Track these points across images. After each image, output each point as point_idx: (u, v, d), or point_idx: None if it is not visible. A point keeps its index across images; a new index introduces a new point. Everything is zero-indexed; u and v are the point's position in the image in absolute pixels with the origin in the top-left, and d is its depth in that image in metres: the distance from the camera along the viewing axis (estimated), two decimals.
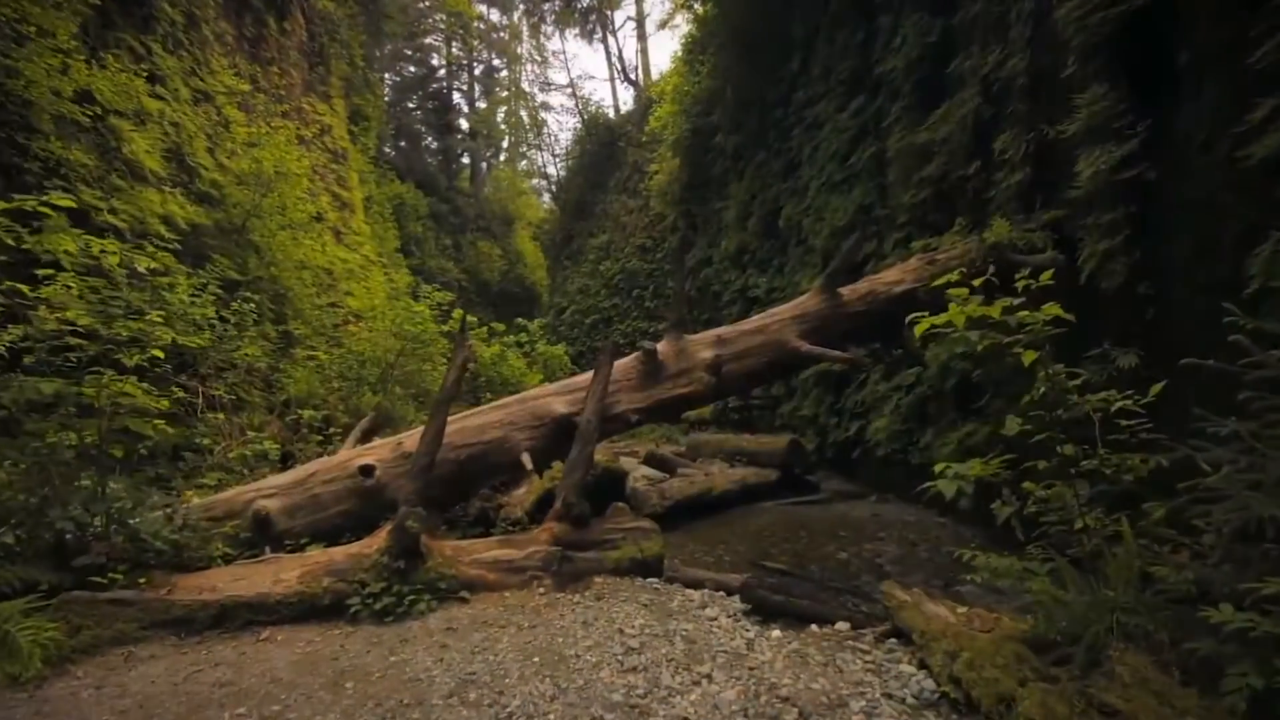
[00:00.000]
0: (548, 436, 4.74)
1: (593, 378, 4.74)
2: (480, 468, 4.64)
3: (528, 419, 4.75)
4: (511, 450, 4.65)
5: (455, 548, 4.16)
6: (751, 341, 5.13)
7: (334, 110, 16.31)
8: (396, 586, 3.70)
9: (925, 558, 5.82)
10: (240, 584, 3.64)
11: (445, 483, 4.60)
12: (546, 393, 4.90)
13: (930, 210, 8.10)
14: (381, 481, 4.53)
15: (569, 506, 4.44)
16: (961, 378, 7.16)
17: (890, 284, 5.33)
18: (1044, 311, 2.85)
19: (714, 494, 7.86)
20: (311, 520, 4.44)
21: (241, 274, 9.74)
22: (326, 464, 4.64)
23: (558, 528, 4.38)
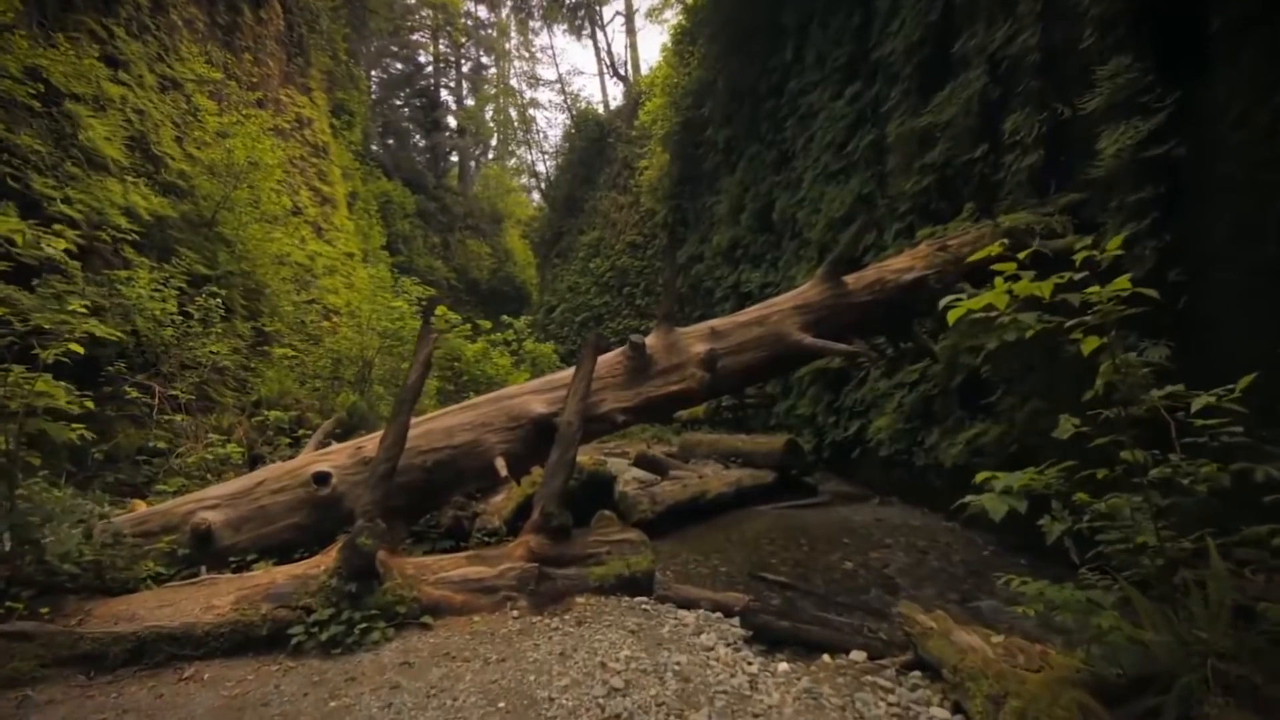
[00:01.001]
0: (525, 439, 4.25)
1: (574, 374, 4.25)
2: (449, 475, 4.14)
3: (503, 420, 4.26)
4: (484, 455, 4.15)
5: (419, 565, 3.66)
6: (749, 334, 4.65)
7: (314, 103, 15.73)
8: (347, 613, 3.20)
9: (937, 567, 5.36)
10: (165, 611, 3.12)
11: (410, 492, 4.10)
12: (524, 391, 4.41)
13: (934, 198, 7.67)
14: (338, 491, 4.02)
15: (548, 518, 3.94)
16: (969, 374, 6.73)
17: (899, 271, 4.86)
18: (1113, 287, 2.37)
19: (708, 498, 7.38)
20: (259, 534, 3.93)
21: (210, 268, 9.18)
22: (277, 471, 4.13)
23: (535, 541, 3.89)
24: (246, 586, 3.29)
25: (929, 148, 7.70)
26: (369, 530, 3.30)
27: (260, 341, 9.94)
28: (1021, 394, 6.01)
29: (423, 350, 3.85)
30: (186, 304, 8.13)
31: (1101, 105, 5.24)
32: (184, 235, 9.11)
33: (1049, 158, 6.00)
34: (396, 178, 28.21)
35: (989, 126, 6.78)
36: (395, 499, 4.05)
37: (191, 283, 8.73)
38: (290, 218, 11.89)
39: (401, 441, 3.82)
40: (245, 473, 6.07)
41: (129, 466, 6.90)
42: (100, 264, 7.80)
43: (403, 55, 31.79)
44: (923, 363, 7.52)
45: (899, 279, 4.76)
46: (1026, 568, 5.37)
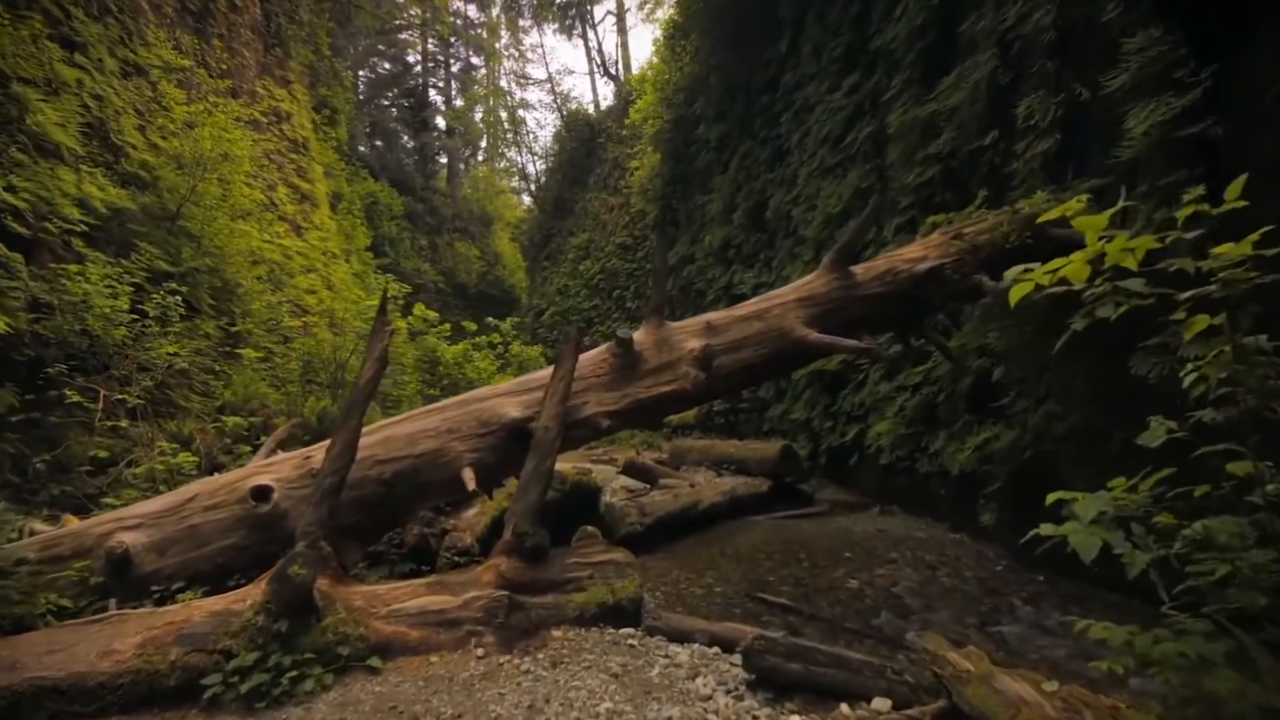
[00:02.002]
0: (497, 447, 3.73)
1: (552, 374, 3.74)
2: (410, 488, 3.61)
3: (472, 425, 3.74)
4: (450, 465, 3.63)
5: (369, 596, 3.13)
6: (748, 329, 4.15)
7: (294, 97, 15.15)
8: (275, 657, 2.67)
9: (949, 585, 4.87)
10: (55, 658, 2.58)
11: (365, 508, 3.57)
12: (496, 393, 3.90)
13: (938, 189, 7.22)
14: (281, 507, 3.49)
15: (521, 538, 3.42)
16: (978, 376, 6.28)
17: (912, 261, 4.39)
18: (1240, 248, 1.88)
19: (700, 508, 6.89)
20: (187, 559, 3.39)
21: (173, 265, 8.60)
22: (210, 485, 3.59)
23: (506, 565, 3.37)
24: (157, 625, 2.75)
25: (933, 137, 7.26)
26: (303, 558, 2.77)
27: (229, 342, 9.36)
28: (1035, 397, 5.57)
29: (376, 345, 3.34)
30: (145, 302, 7.56)
31: (1128, 82, 4.79)
32: (144, 229, 8.52)
33: (1066, 142, 5.54)
34: (384, 178, 27.60)
35: (999, 112, 6.34)
36: (346, 516, 3.52)
37: (152, 280, 8.15)
38: (264, 213, 11.29)
39: (351, 450, 3.30)
40: None
41: (80, 477, 6.34)
42: (48, 257, 7.23)
43: (391, 54, 31.21)
44: (926, 364, 7.07)
45: (912, 269, 4.28)
46: (1045, 585, 4.91)
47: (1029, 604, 4.48)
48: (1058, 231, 4.70)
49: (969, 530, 6.29)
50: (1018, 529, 5.57)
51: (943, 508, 6.77)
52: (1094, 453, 5.01)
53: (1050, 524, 2.01)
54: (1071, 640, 3.93)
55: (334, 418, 7.69)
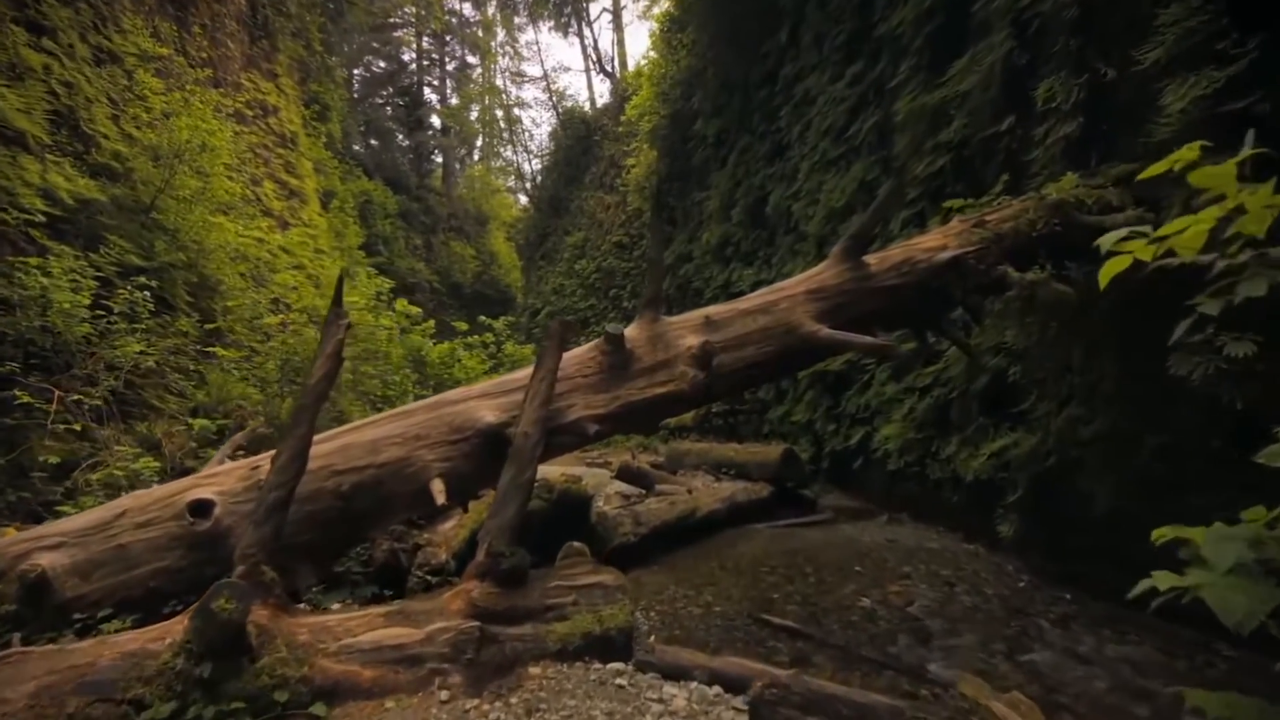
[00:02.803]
0: (471, 455, 3.31)
1: (533, 373, 3.32)
2: (372, 502, 3.19)
3: (442, 431, 3.32)
4: (417, 476, 3.21)
5: (317, 629, 2.71)
6: (752, 325, 3.73)
7: (281, 90, 14.71)
8: (196, 708, 2.24)
9: (969, 605, 4.45)
10: None
11: (320, 525, 3.14)
12: (471, 395, 3.47)
13: (949, 180, 6.81)
14: (223, 524, 3.06)
15: (495, 559, 3.00)
16: (994, 376, 5.87)
17: (931, 250, 3.97)
18: None
19: (698, 516, 6.47)
20: (115, 583, 2.96)
21: (145, 259, 8.15)
22: (145, 499, 3.15)
23: (478, 591, 2.94)
24: (59, 668, 2.31)
25: (944, 125, 6.85)
26: (231, 589, 2.34)
27: (208, 341, 8.91)
28: (1057, 399, 5.16)
29: (330, 341, 2.91)
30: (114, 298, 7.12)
31: (1163, 57, 4.38)
32: (115, 222, 8.08)
33: (1090, 125, 5.14)
34: (378, 177, 27.18)
35: (1015, 96, 5.93)
36: (298, 534, 3.10)
37: (123, 274, 7.72)
38: (246, 207, 10.84)
39: (300, 460, 2.87)
40: None
41: (39, 483, 5.89)
42: (8, 250, 6.79)
43: (385, 52, 30.76)
44: (938, 364, 6.66)
45: (931, 259, 3.87)
46: (1073, 604, 4.50)
47: (1058, 626, 4.06)
48: (1089, 219, 4.29)
49: (984, 541, 5.87)
50: (1040, 541, 5.16)
51: (955, 516, 6.35)
52: (1123, 459, 4.60)
53: (1167, 572, 1.56)
54: (1110, 671, 3.52)
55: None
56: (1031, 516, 5.17)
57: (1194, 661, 3.66)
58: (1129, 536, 4.58)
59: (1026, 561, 5.28)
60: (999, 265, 4.04)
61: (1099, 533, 4.72)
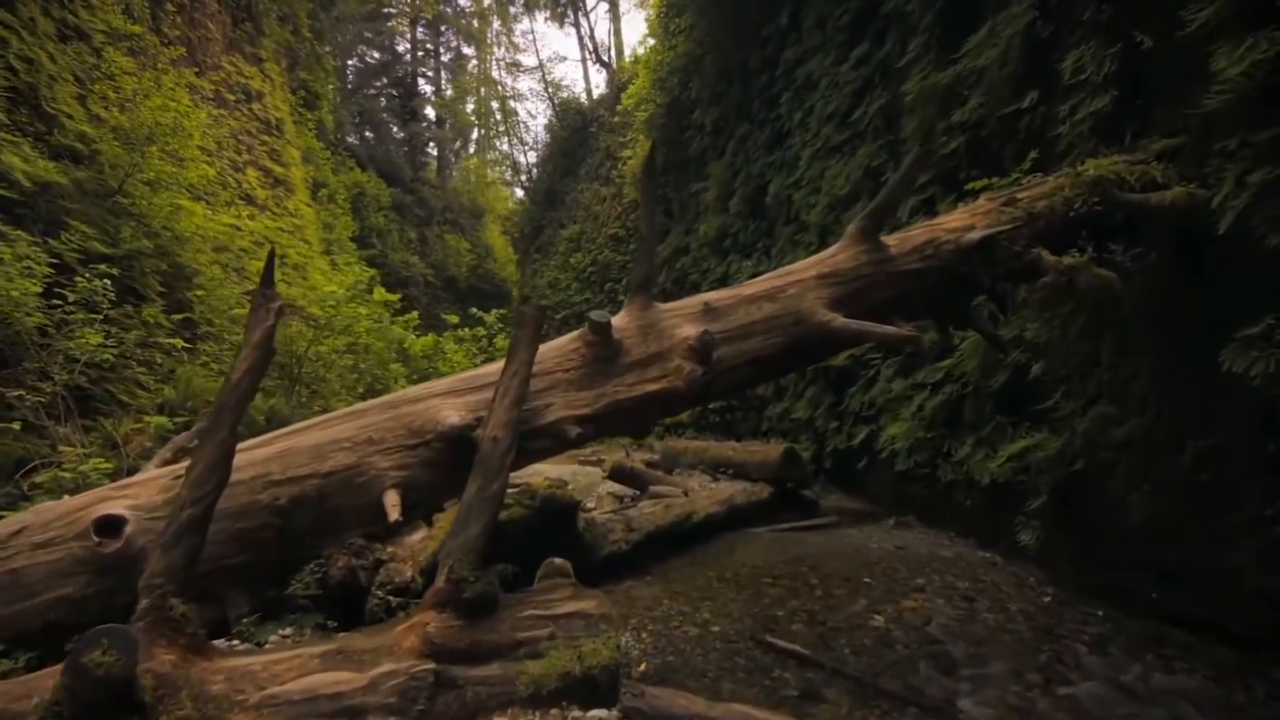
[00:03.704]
0: (433, 462, 2.83)
1: (504, 367, 2.84)
2: (316, 517, 2.71)
3: (399, 434, 2.84)
4: (369, 487, 2.73)
5: (237, 675, 2.23)
6: (757, 313, 3.25)
7: (267, 76, 14.15)
8: None
9: (993, 624, 4.00)
10: None
11: (256, 544, 2.66)
12: (434, 392, 2.99)
13: (963, 164, 6.33)
14: (137, 544, 2.57)
15: (457, 585, 2.52)
16: (1014, 372, 5.41)
17: (957, 231, 3.50)
18: None
19: (695, 521, 6.02)
20: (8, 614, 2.46)
21: (111, 246, 7.63)
22: (45, 515, 2.65)
23: (436, 623, 2.47)
24: None
25: (958, 105, 6.37)
26: (113, 639, 1.86)
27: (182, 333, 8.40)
28: (1084, 397, 4.70)
29: (256, 329, 2.42)
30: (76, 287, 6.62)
31: (1212, 19, 3.91)
32: (78, 206, 7.55)
33: (1124, 99, 4.66)
34: (371, 169, 26.57)
35: (1037, 71, 5.45)
36: (227, 556, 2.62)
37: (86, 262, 7.20)
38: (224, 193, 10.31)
39: (221, 470, 2.39)
40: None
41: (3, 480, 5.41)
42: None
43: (378, 42, 30.10)
44: (949, 359, 6.20)
45: (958, 240, 3.40)
46: (1107, 623, 4.04)
47: (1096, 651, 3.61)
48: (1132, 197, 3.83)
49: (1000, 549, 5.43)
50: (1065, 551, 4.69)
51: (968, 521, 5.91)
52: (1161, 464, 4.15)
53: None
54: (1167, 709, 3.06)
55: (284, 417, 6.77)
56: (1056, 524, 4.72)
57: (1253, 694, 3.21)
58: (1167, 548, 4.16)
59: (1050, 572, 4.84)
60: (1032, 248, 3.56)
61: (1133, 543, 4.27)
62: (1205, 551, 3.88)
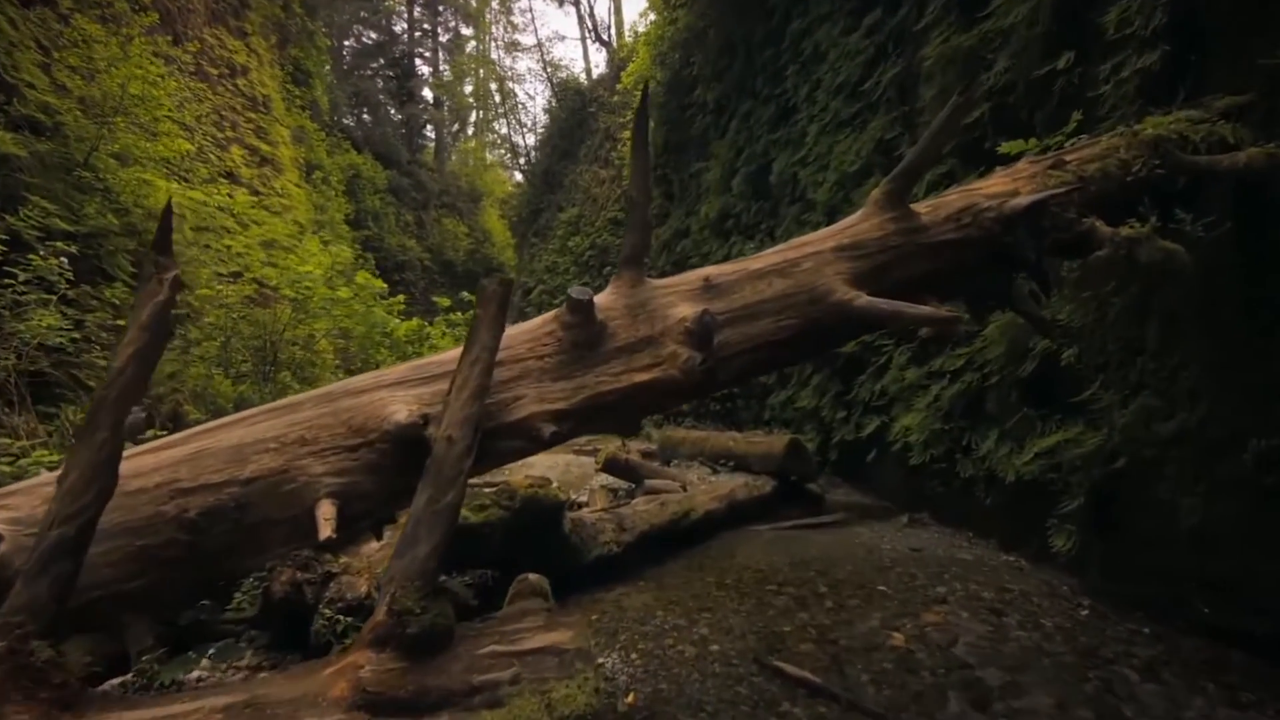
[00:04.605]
0: (378, 466, 2.35)
1: (462, 354, 2.35)
2: (233, 533, 2.23)
3: (338, 433, 2.36)
4: (299, 496, 2.26)
5: None
6: (766, 290, 2.75)
7: (253, 51, 13.55)
8: None
9: (1028, 643, 3.53)
10: None
11: (161, 565, 2.18)
12: (382, 382, 2.50)
13: (988, 133, 5.79)
14: (14, 566, 2.11)
15: (401, 619, 2.05)
16: (1043, 360, 4.92)
17: (998, 197, 2.99)
18: None
19: (692, 519, 5.56)
20: None
21: (74, 223, 7.13)
22: None
23: (373, 666, 2.00)
24: None
25: (980, 70, 5.82)
26: None
27: None
28: (1125, 388, 4.21)
29: (145, 305, 1.93)
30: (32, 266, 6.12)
31: None
32: (39, 180, 7.05)
33: (1175, 55, 4.13)
34: (367, 151, 25.94)
35: (1073, 28, 4.91)
36: (127, 580, 2.16)
37: (46, 239, 6.71)
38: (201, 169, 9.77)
39: (103, 479, 1.91)
40: None
41: None
42: None
43: (375, 22, 29.32)
44: (971, 346, 5.70)
45: (1001, 207, 2.89)
46: (1154, 642, 3.57)
47: (1149, 678, 3.14)
48: (1197, 159, 3.31)
49: (1026, 552, 4.97)
50: (1102, 558, 4.21)
51: (989, 521, 5.44)
52: (1216, 464, 3.67)
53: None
54: None
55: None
56: (1093, 528, 4.25)
57: None
58: (1223, 558, 3.68)
59: (1082, 580, 4.37)
60: (1085, 218, 3.05)
61: (1182, 552, 3.79)
62: (1268, 563, 3.42)
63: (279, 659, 2.95)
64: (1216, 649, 3.44)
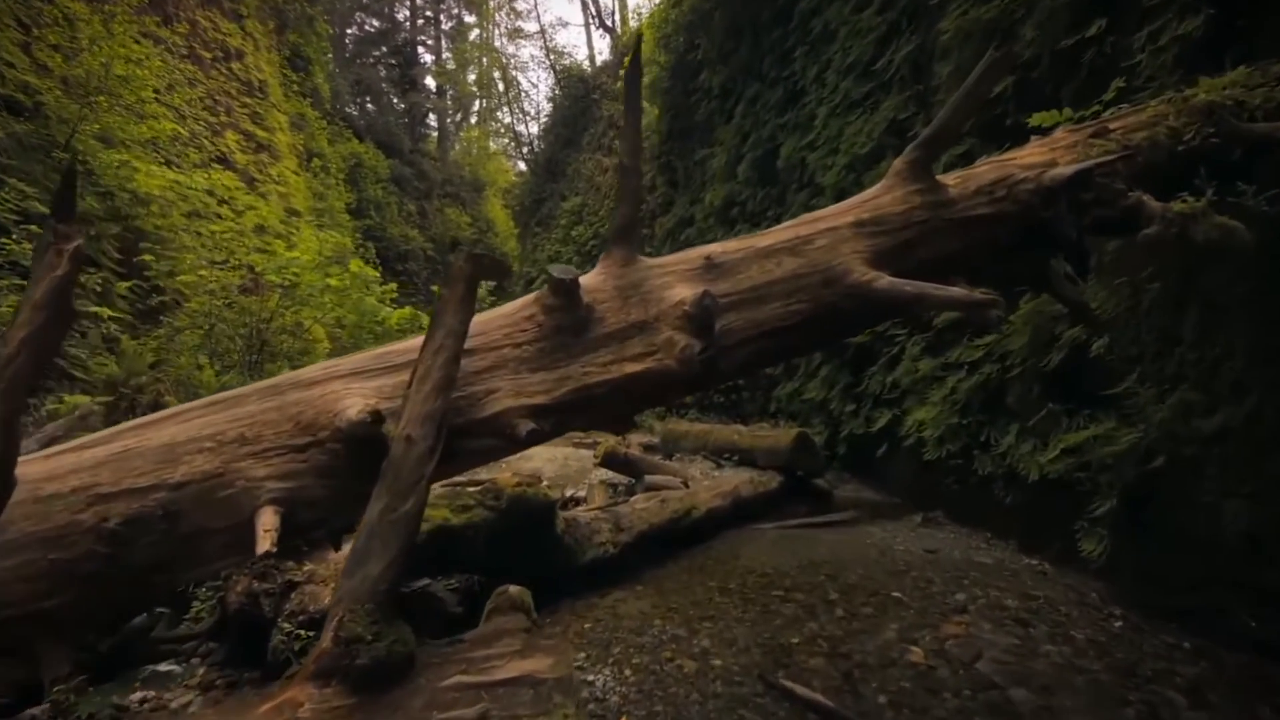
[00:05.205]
0: (329, 469, 2.05)
1: (425, 341, 2.04)
2: (161, 543, 1.93)
3: (283, 430, 2.06)
4: (237, 503, 1.96)
5: None
6: (775, 270, 2.43)
7: (248, 34, 13.21)
8: None
9: (1058, 659, 3.21)
10: None
11: (79, 582, 1.88)
12: (336, 372, 2.20)
13: (1010, 109, 5.43)
14: None
15: (349, 648, 1.76)
16: (1070, 350, 4.57)
17: (1035, 168, 2.66)
18: None
19: (694, 517, 5.26)
20: None
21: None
22: None
23: (315, 703, 1.70)
24: None
25: (1002, 43, 5.43)
26: None
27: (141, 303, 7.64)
28: (1161, 380, 3.87)
29: (42, 281, 1.63)
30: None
31: None
32: (17, 162, 6.76)
33: (1221, 19, 3.77)
34: (369, 140, 25.59)
35: None
36: (40, 598, 1.87)
37: (24, 222, 6.44)
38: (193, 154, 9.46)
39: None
40: None
41: None
42: None
43: (377, 9, 28.89)
44: (993, 334, 5.36)
45: (1039, 178, 2.55)
46: (1196, 658, 3.26)
47: (1196, 703, 2.82)
48: (1256, 127, 2.96)
49: (1048, 555, 4.65)
50: (1136, 564, 3.88)
51: (1008, 521, 5.12)
52: (1264, 462, 3.35)
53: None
54: None
55: None
56: (1126, 532, 3.92)
57: None
58: (1272, 565, 3.36)
59: (1111, 586, 4.05)
60: (1131, 192, 2.71)
61: (1225, 558, 3.46)
62: None
63: (235, 676, 2.66)
64: (1266, 666, 3.13)
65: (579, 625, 3.61)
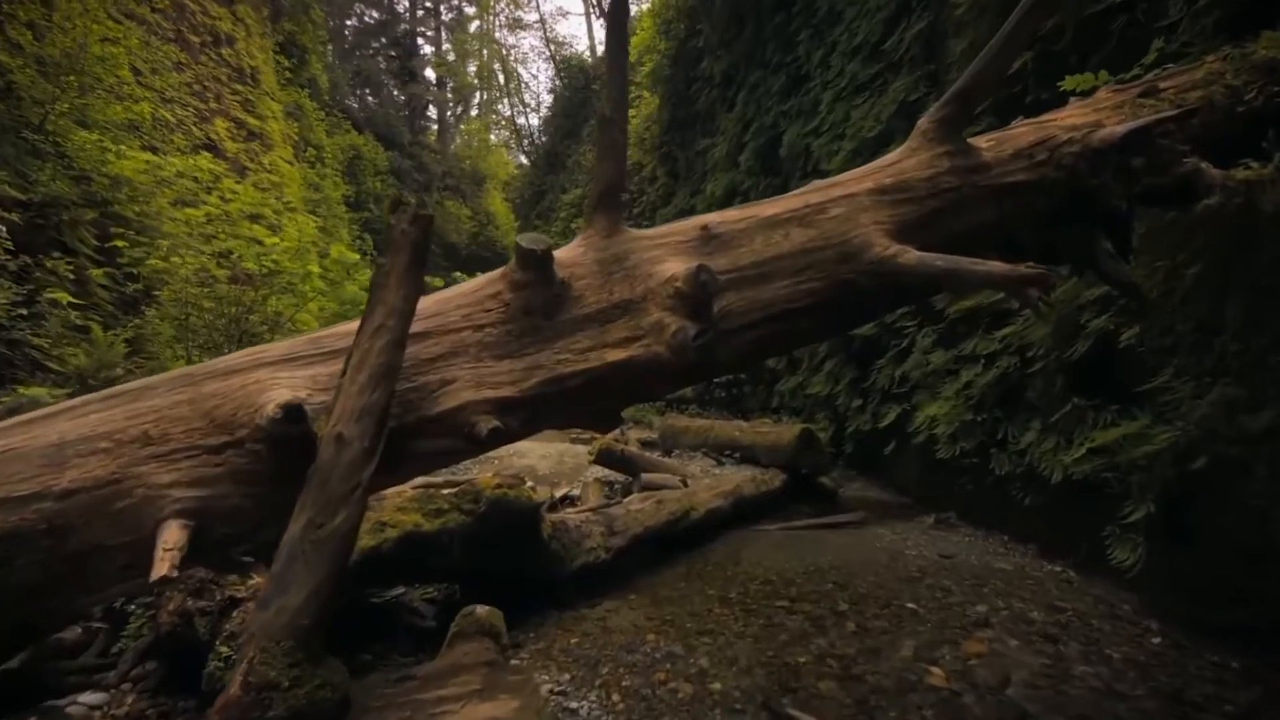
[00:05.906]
0: (250, 475, 1.71)
1: (362, 321, 1.69)
2: (46, 564, 1.61)
3: (195, 428, 1.72)
4: (135, 515, 1.63)
5: None
6: (783, 243, 2.07)
7: (240, 20, 12.83)
8: None
9: (1094, 681, 2.86)
10: None
11: None
12: (264, 359, 1.85)
13: (1030, 85, 5.06)
14: None
15: (261, 696, 1.42)
16: (1097, 341, 4.22)
17: (1080, 129, 2.30)
18: None
19: (693, 519, 4.91)
20: None
21: (24, 191, 6.50)
22: None
23: None
24: None
25: None
26: None
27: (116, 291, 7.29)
28: (1201, 374, 3.51)
29: None
30: None
31: None
32: None
33: None
34: (368, 131, 25.21)
35: None
36: None
37: None
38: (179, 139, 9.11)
39: None
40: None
41: None
42: None
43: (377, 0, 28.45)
44: (1011, 325, 5.01)
45: (1085, 140, 2.21)
46: (1247, 680, 2.92)
47: None
48: None
49: (1073, 561, 4.30)
50: (1173, 575, 3.53)
51: (1027, 523, 4.77)
52: None
53: None
54: None
55: None
56: (1163, 539, 3.58)
57: None
58: None
59: (1149, 599, 3.69)
60: (1187, 158, 2.35)
61: (1276, 568, 3.13)
62: None
63: (168, 706, 2.33)
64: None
65: (564, 641, 3.27)
